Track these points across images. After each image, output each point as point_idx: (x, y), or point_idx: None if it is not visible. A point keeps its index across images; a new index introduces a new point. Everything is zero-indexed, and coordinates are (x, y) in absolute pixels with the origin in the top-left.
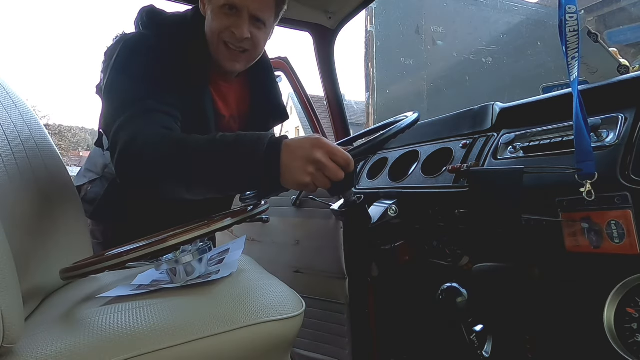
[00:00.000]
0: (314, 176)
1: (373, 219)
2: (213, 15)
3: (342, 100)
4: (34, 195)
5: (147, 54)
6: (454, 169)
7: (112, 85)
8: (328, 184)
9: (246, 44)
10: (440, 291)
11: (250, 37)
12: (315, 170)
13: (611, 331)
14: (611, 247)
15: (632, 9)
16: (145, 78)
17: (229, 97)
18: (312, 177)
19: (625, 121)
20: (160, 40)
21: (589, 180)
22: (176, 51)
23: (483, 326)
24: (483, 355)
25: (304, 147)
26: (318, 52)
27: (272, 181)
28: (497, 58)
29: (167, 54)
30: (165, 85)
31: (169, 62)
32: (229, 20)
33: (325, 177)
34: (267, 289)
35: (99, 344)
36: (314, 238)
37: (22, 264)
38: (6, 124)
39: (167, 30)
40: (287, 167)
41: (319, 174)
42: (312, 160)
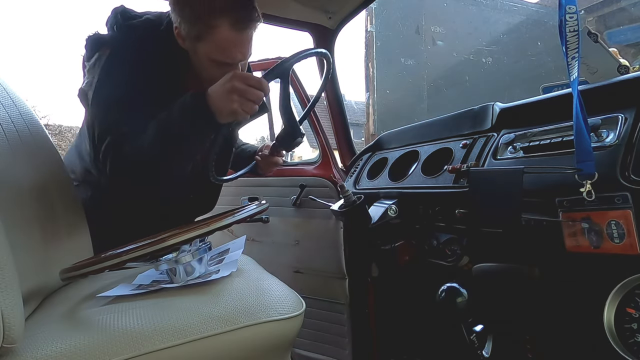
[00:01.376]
0: (239, 102)
1: (373, 219)
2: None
3: (342, 100)
4: (35, 196)
5: (127, 68)
6: (454, 169)
7: (97, 104)
8: (254, 106)
9: None
10: (440, 291)
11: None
12: (238, 97)
13: (611, 331)
14: (611, 247)
15: (632, 9)
16: (126, 94)
17: None
18: (238, 104)
19: (625, 121)
20: (137, 50)
21: (589, 180)
22: (154, 61)
23: (483, 326)
24: (483, 355)
25: (222, 82)
26: None
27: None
28: (497, 58)
29: (147, 65)
30: (146, 98)
31: (148, 73)
32: (218, 71)
33: (249, 100)
34: (267, 289)
35: (99, 344)
36: (314, 238)
37: (22, 264)
38: (6, 124)
39: (144, 37)
40: (215, 104)
41: (242, 99)
42: (232, 89)
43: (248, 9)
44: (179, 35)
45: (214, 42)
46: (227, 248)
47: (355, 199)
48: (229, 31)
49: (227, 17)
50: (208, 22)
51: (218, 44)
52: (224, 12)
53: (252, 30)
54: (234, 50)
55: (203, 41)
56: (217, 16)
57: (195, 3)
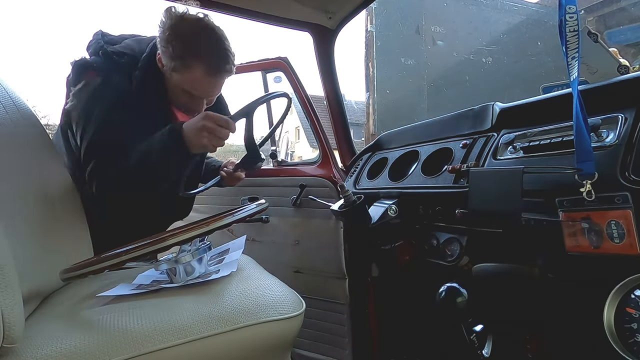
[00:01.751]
0: (208, 139)
1: (373, 219)
2: (173, 86)
3: (342, 100)
4: (35, 196)
5: (115, 94)
6: (454, 169)
7: (85, 128)
8: (222, 142)
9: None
10: (440, 291)
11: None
12: (208, 134)
13: (611, 331)
14: (611, 247)
15: (632, 9)
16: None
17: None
18: (207, 140)
19: (625, 121)
20: (125, 76)
21: (589, 180)
22: (140, 87)
23: (483, 326)
24: (483, 355)
25: (195, 120)
26: (318, 52)
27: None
28: (497, 58)
29: (134, 91)
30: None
31: (134, 99)
32: (187, 99)
33: (217, 137)
34: (267, 289)
35: (100, 344)
36: (314, 238)
37: (22, 264)
38: (6, 123)
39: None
40: (189, 139)
41: (212, 136)
42: (203, 128)
43: (223, 60)
44: (159, 60)
45: (187, 78)
46: (227, 248)
47: (355, 199)
48: (202, 74)
49: (202, 63)
50: (185, 62)
51: (190, 80)
52: (201, 57)
53: (223, 78)
54: (203, 89)
55: (178, 74)
56: (194, 59)
57: (178, 43)
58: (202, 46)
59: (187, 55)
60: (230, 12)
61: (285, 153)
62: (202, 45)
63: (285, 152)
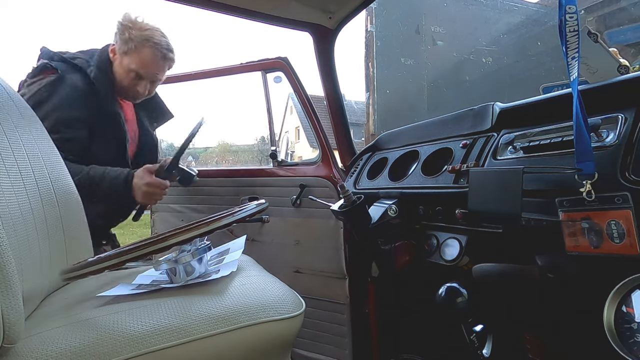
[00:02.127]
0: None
1: (373, 219)
2: (123, 71)
3: (342, 100)
4: (35, 196)
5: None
6: (454, 169)
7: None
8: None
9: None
10: (440, 291)
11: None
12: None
13: (611, 331)
14: (611, 247)
15: (632, 9)
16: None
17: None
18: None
19: (625, 121)
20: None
21: (589, 180)
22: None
23: (483, 326)
24: (483, 355)
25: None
26: (318, 52)
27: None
28: (497, 58)
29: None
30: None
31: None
32: (134, 81)
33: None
34: (267, 289)
35: (100, 344)
36: (314, 238)
37: (22, 264)
38: (6, 123)
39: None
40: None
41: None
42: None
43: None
44: (112, 50)
45: (138, 58)
46: (227, 248)
47: (355, 199)
48: (151, 54)
49: (152, 47)
50: (138, 44)
51: (141, 60)
52: (152, 42)
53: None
54: (150, 68)
55: (129, 55)
56: (146, 42)
57: (135, 30)
58: (153, 36)
59: (141, 39)
60: (230, 12)
61: (285, 153)
62: (153, 35)
63: (285, 152)
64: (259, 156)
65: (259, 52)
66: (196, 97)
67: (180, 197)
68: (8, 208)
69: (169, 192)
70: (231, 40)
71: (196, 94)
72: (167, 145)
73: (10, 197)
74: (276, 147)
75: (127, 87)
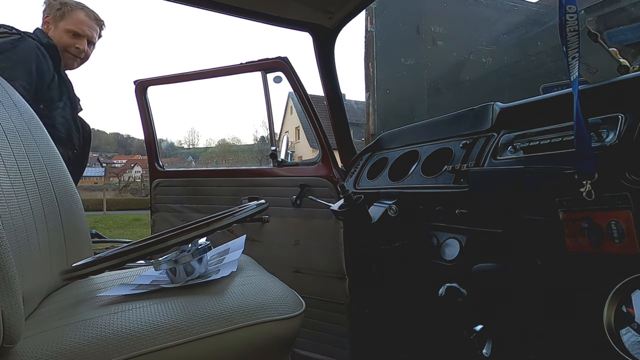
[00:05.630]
0: None
1: (373, 219)
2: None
3: (342, 100)
4: (35, 196)
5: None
6: (454, 169)
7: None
8: None
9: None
10: (440, 291)
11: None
12: None
13: (611, 331)
14: (611, 247)
15: (632, 9)
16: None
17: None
18: None
19: (625, 121)
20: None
21: (589, 180)
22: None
23: (483, 326)
24: (483, 355)
25: None
26: (318, 52)
27: None
28: (497, 58)
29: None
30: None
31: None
32: (73, 40)
33: None
34: (267, 289)
35: (99, 344)
36: (314, 238)
37: (22, 264)
38: (6, 123)
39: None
40: None
41: None
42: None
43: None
44: (46, 21)
45: (72, 19)
46: (227, 248)
47: (355, 199)
48: (83, 15)
49: (82, 10)
50: (70, 8)
51: (75, 20)
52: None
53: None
54: (84, 27)
55: (63, 19)
56: (76, 7)
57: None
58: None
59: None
60: (230, 12)
61: (285, 153)
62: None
63: (285, 152)
64: (259, 156)
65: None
66: (196, 97)
67: (180, 197)
68: (8, 208)
69: (169, 192)
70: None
71: (196, 94)
72: (166, 145)
73: (10, 197)
74: (276, 147)
75: (66, 47)
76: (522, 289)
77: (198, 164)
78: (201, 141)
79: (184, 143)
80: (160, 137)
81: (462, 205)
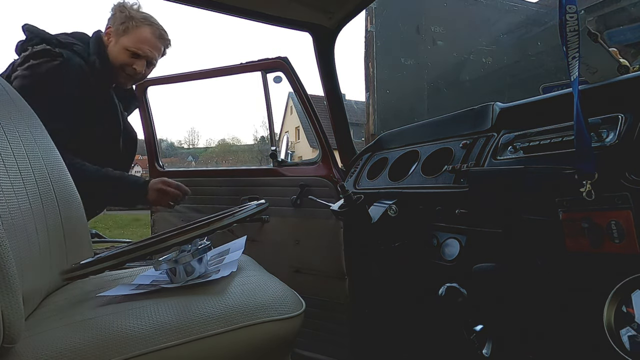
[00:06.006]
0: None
1: (373, 219)
2: (120, 50)
3: (342, 100)
4: (35, 196)
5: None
6: (454, 169)
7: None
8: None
9: (139, 77)
10: (440, 291)
11: (144, 72)
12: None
13: (611, 331)
14: (611, 247)
15: (632, 9)
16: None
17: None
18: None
19: (625, 121)
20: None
21: (589, 180)
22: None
23: (483, 326)
24: (483, 355)
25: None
26: (318, 52)
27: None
28: (497, 58)
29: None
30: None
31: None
32: (132, 60)
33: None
34: (267, 289)
35: (99, 344)
36: (314, 238)
37: (22, 264)
38: (6, 123)
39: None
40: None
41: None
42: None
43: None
44: (108, 32)
45: (135, 36)
46: (227, 248)
47: (355, 199)
48: (148, 33)
49: (149, 26)
50: (136, 22)
51: (138, 38)
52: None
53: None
54: (146, 47)
55: (126, 34)
56: (143, 22)
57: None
58: (150, 17)
59: (141, 17)
60: (230, 12)
61: (285, 153)
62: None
63: (285, 152)
64: (259, 156)
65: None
66: (196, 97)
67: None
68: (8, 208)
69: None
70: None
71: (196, 94)
72: (166, 145)
73: (10, 197)
74: (276, 147)
75: (123, 65)
76: (522, 289)
77: (198, 164)
78: (201, 141)
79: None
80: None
81: (462, 205)
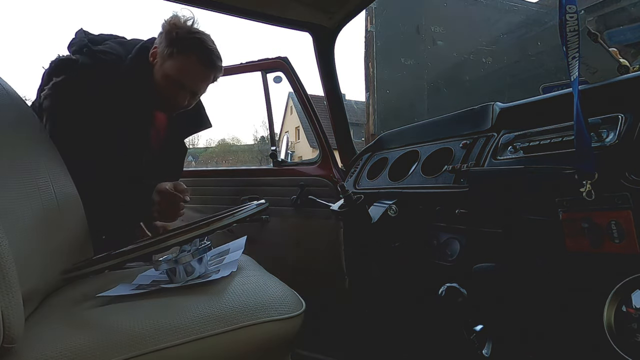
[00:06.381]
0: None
1: (373, 219)
2: (162, 76)
3: (342, 100)
4: (35, 196)
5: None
6: (454, 169)
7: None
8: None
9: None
10: (440, 291)
11: (187, 103)
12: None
13: (611, 331)
14: (611, 247)
15: (632, 9)
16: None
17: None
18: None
19: (625, 121)
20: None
21: (589, 180)
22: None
23: (483, 326)
24: (483, 355)
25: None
26: (318, 52)
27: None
28: (497, 58)
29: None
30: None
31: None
32: (174, 90)
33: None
34: (267, 289)
35: (99, 344)
36: (314, 238)
37: (22, 264)
38: (5, 122)
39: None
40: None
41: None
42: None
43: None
44: (154, 54)
45: (181, 64)
46: (227, 248)
47: (355, 199)
48: (196, 61)
49: (198, 52)
50: (183, 47)
51: (182, 67)
52: (198, 47)
53: (210, 73)
54: (192, 77)
55: (171, 59)
56: (191, 47)
57: (182, 31)
58: (201, 40)
59: (187, 42)
60: (230, 12)
61: (285, 153)
62: (201, 40)
63: (285, 152)
64: (259, 156)
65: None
66: None
67: None
68: (8, 207)
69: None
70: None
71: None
72: None
73: (11, 196)
74: (276, 147)
75: (163, 92)
76: (522, 289)
77: (198, 164)
78: (201, 141)
79: None
80: None
81: (462, 205)
